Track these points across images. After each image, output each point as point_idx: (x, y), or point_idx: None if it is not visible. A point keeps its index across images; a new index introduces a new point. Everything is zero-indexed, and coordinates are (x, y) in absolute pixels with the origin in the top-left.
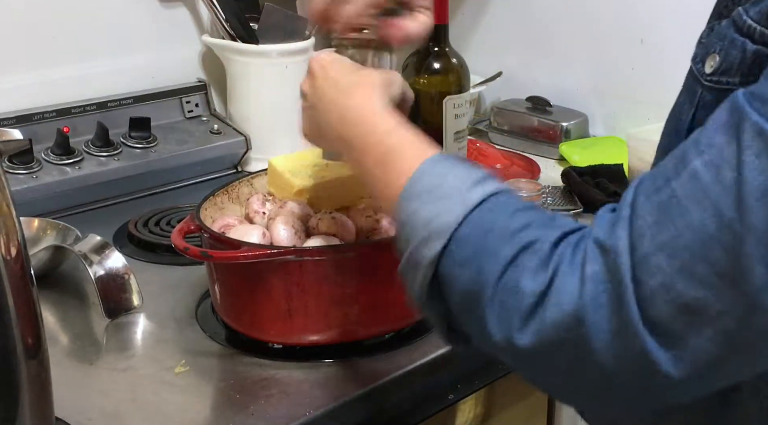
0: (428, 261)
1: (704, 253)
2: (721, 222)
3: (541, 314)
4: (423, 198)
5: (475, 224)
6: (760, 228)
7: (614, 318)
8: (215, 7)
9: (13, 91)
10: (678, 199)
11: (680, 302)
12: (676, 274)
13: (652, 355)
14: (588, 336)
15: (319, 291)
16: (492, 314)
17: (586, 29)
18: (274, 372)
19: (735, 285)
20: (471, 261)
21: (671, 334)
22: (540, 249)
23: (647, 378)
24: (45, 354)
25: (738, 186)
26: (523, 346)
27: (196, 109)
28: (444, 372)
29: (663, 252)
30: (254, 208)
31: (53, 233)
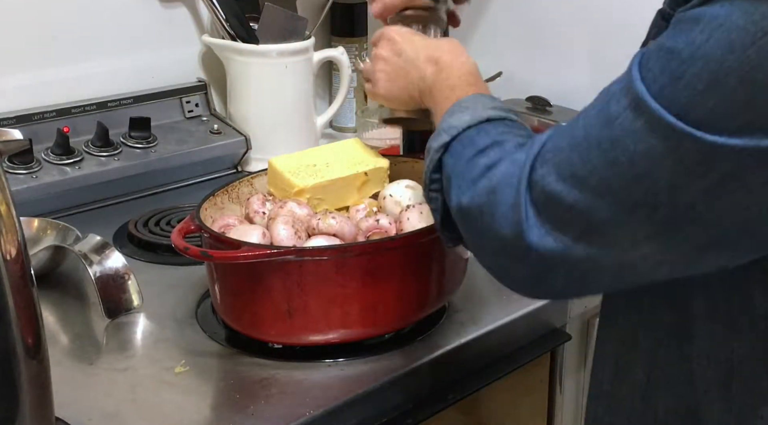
0: (435, 149)
1: (569, 155)
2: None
3: (480, 181)
4: (454, 110)
5: (475, 130)
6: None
7: (513, 193)
8: (215, 7)
9: (13, 91)
10: (581, 114)
11: (549, 190)
12: (551, 167)
13: (527, 226)
14: (495, 204)
15: (319, 291)
16: (455, 180)
17: (586, 29)
18: (274, 372)
19: (581, 187)
20: (459, 152)
21: (543, 215)
22: (502, 146)
23: (522, 246)
24: (45, 354)
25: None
26: (460, 205)
27: (196, 109)
28: (444, 372)
29: (552, 150)
30: (254, 208)
31: (53, 233)
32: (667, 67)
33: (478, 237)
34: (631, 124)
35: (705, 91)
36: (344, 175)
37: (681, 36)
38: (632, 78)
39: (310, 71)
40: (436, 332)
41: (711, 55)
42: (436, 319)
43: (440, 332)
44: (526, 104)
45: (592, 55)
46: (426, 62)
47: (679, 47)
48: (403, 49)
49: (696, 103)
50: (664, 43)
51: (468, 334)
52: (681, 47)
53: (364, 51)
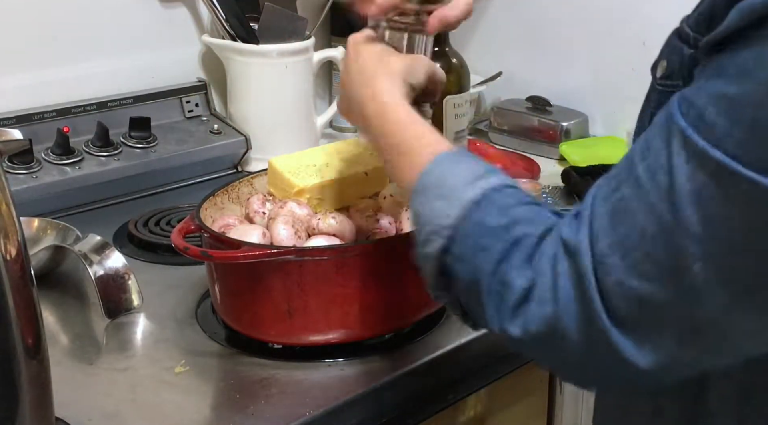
0: (433, 257)
1: (649, 252)
2: (660, 224)
3: (526, 308)
4: (427, 194)
5: (471, 223)
6: (692, 230)
7: (583, 312)
8: (215, 7)
9: (13, 91)
10: (626, 203)
11: (634, 296)
12: (627, 272)
13: (617, 344)
14: (564, 327)
15: (319, 291)
16: (489, 305)
17: (586, 29)
18: (274, 372)
19: (678, 281)
20: (468, 258)
21: (631, 325)
22: (525, 245)
23: (616, 364)
24: (45, 354)
25: (671, 190)
26: (514, 335)
27: (196, 109)
28: (444, 372)
29: (616, 252)
30: (254, 208)
31: (53, 233)
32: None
33: (552, 360)
34: (723, 197)
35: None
36: (344, 175)
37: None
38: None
39: (310, 71)
40: (436, 332)
41: None
42: (436, 319)
43: (440, 332)
44: (526, 104)
45: (592, 55)
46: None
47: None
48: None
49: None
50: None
51: (468, 334)
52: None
53: None
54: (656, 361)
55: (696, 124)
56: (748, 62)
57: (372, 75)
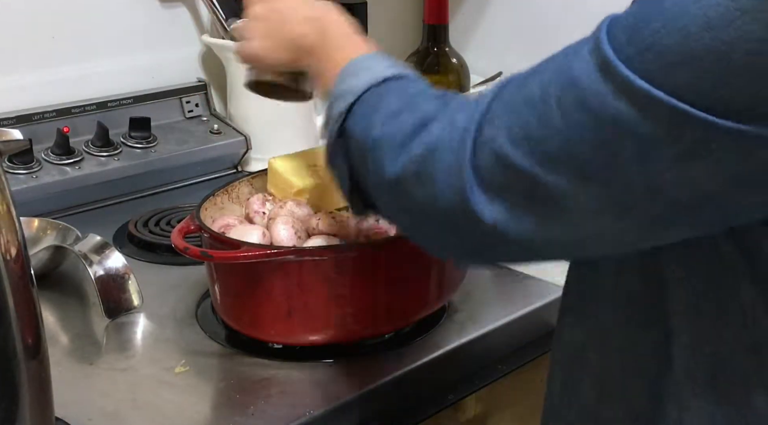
0: (336, 116)
1: (524, 117)
2: (543, 94)
3: (410, 147)
4: (350, 72)
5: (379, 91)
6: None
7: (454, 157)
8: (215, 7)
9: (13, 91)
10: (532, 71)
11: (498, 153)
12: (501, 128)
13: (471, 195)
14: (432, 170)
15: (319, 291)
16: (373, 149)
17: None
18: (274, 372)
19: (534, 150)
20: (368, 115)
21: (488, 180)
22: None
23: (466, 217)
24: (45, 354)
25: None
26: (389, 176)
27: (196, 109)
28: (444, 372)
29: (503, 109)
30: (254, 208)
31: (53, 233)
32: (637, 35)
33: (406, 207)
34: (599, 86)
35: (678, 65)
36: None
37: (653, 5)
38: (600, 40)
39: None
40: (436, 332)
41: (686, 30)
42: (436, 319)
43: (440, 332)
44: None
45: None
46: (306, 20)
47: (651, 16)
48: (279, 7)
49: (668, 74)
50: (635, 10)
51: (468, 334)
52: (653, 16)
53: None
54: (499, 222)
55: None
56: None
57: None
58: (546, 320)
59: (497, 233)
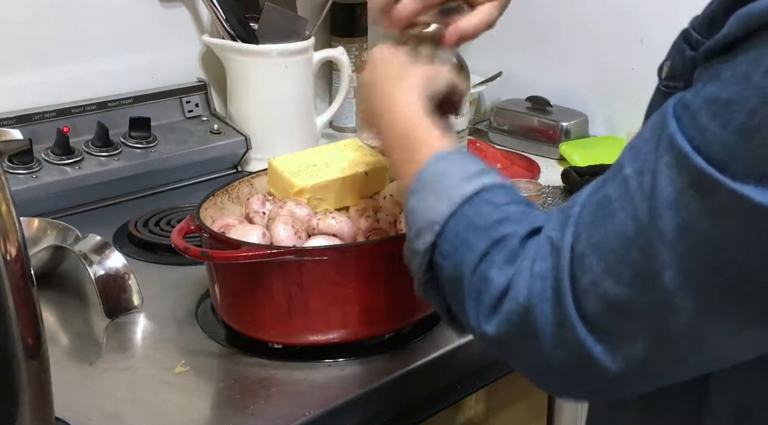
0: (422, 253)
1: (625, 255)
2: (638, 227)
3: (503, 305)
4: (424, 190)
5: (460, 218)
6: (668, 235)
7: (556, 311)
8: (215, 7)
9: (13, 91)
10: (610, 202)
11: (607, 299)
12: (603, 273)
13: (588, 347)
14: (536, 327)
15: (319, 291)
16: (469, 302)
17: (586, 29)
18: (274, 372)
19: (650, 287)
20: (453, 253)
21: (603, 329)
22: (509, 244)
23: (586, 368)
24: (45, 354)
25: (652, 193)
26: (488, 334)
27: (196, 109)
28: (444, 372)
29: (594, 252)
30: (254, 208)
31: (53, 233)
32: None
33: (526, 361)
34: (701, 205)
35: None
36: (344, 175)
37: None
38: (680, 149)
39: (310, 71)
40: (436, 332)
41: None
42: (436, 319)
43: (440, 332)
44: (526, 104)
45: (592, 55)
46: (384, 99)
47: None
48: (369, 78)
49: None
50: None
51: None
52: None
53: (364, 51)
54: (627, 367)
55: (686, 128)
56: (743, 67)
57: (396, 78)
58: None
59: (627, 376)
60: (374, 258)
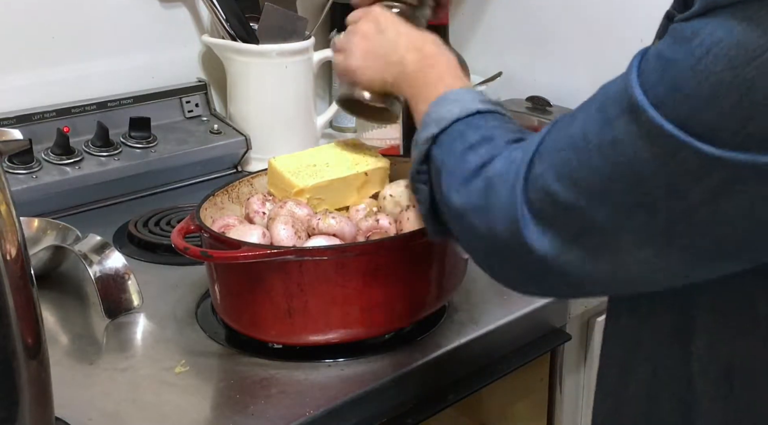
0: (423, 140)
1: (567, 156)
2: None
3: (474, 180)
4: (442, 102)
5: (465, 122)
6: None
7: (509, 190)
8: (215, 7)
9: (13, 91)
10: (575, 113)
11: (546, 189)
12: (549, 167)
13: (524, 226)
14: (490, 202)
15: (319, 291)
16: (445, 176)
17: (586, 29)
18: (274, 372)
19: (578, 188)
20: (448, 144)
21: (539, 214)
22: (496, 143)
23: (520, 247)
24: (45, 354)
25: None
26: (452, 201)
27: (196, 109)
28: (444, 372)
29: (552, 148)
30: (254, 208)
31: (53, 233)
32: (665, 77)
33: (472, 237)
34: (629, 128)
35: (704, 105)
36: (344, 175)
37: (680, 47)
38: (630, 83)
39: (310, 71)
40: (436, 332)
41: (710, 70)
42: (436, 319)
43: (440, 332)
44: (526, 104)
45: (592, 55)
46: (409, 48)
47: (678, 58)
48: (386, 28)
49: (695, 116)
50: (663, 52)
51: (468, 334)
52: (680, 58)
53: None
54: (551, 253)
55: (640, 71)
56: (688, 32)
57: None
58: (546, 320)
59: (548, 264)
60: (374, 258)
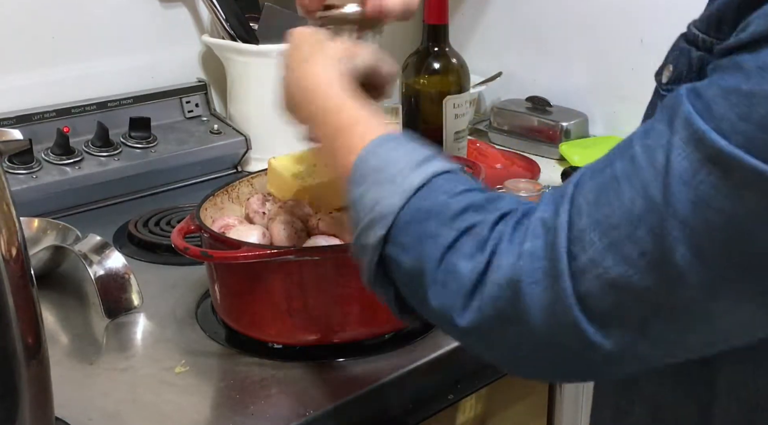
0: (372, 246)
1: (631, 232)
2: (648, 204)
3: (481, 292)
4: (368, 181)
5: (415, 209)
6: (681, 212)
7: (548, 291)
8: (215, 7)
9: (13, 91)
10: (617, 180)
11: (607, 277)
12: (605, 251)
13: (582, 328)
14: (524, 310)
15: (319, 291)
16: (434, 296)
17: (586, 29)
18: (274, 372)
19: (658, 266)
20: (412, 246)
21: (599, 308)
22: (478, 233)
23: (580, 350)
24: (45, 354)
25: (665, 169)
26: (463, 325)
27: (196, 109)
28: (444, 372)
29: (597, 229)
30: (254, 208)
31: (53, 233)
32: (752, 114)
33: (509, 348)
34: (719, 182)
35: None
36: None
37: (759, 76)
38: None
39: None
40: (436, 332)
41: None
42: None
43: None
44: (526, 104)
45: (592, 55)
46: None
47: (755, 90)
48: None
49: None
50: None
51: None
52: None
53: None
54: (621, 347)
55: (702, 112)
56: (756, 62)
57: (309, 55)
58: None
59: (625, 358)
60: None
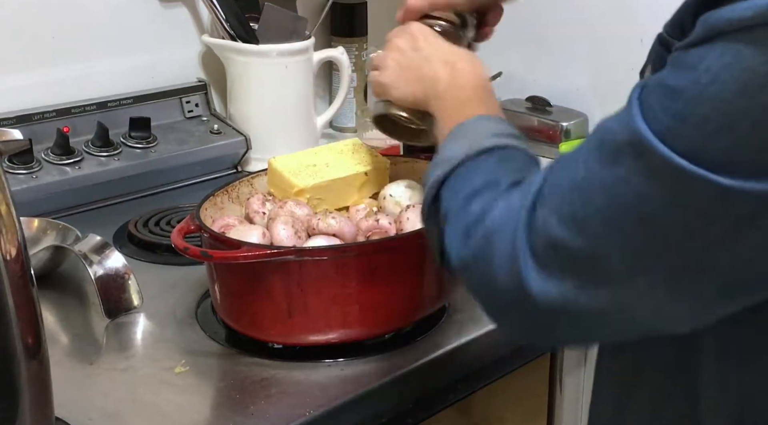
0: (432, 184)
1: (570, 197)
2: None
3: (475, 232)
4: (456, 137)
5: (473, 164)
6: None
7: (511, 239)
8: (215, 7)
9: (13, 91)
10: (574, 153)
11: (550, 235)
12: (551, 211)
13: (525, 275)
14: (492, 253)
15: (319, 291)
16: (450, 229)
17: (586, 29)
18: (274, 372)
19: (583, 230)
20: (455, 187)
21: (542, 261)
22: (499, 187)
23: (523, 297)
24: (45, 354)
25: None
26: (455, 259)
27: (196, 109)
28: (444, 372)
29: (553, 192)
30: (254, 208)
31: (53, 233)
32: (671, 107)
33: (477, 288)
34: (635, 165)
35: (715, 134)
36: (344, 175)
37: (685, 75)
38: (632, 116)
39: (310, 71)
40: (436, 332)
41: (720, 97)
42: (436, 319)
43: (440, 332)
44: (526, 104)
45: (592, 55)
46: (442, 64)
47: (683, 87)
48: (422, 45)
49: (706, 146)
50: (666, 81)
51: (468, 334)
52: (686, 87)
53: (364, 51)
54: (557, 299)
55: (641, 100)
56: (692, 59)
57: (455, 51)
58: None
59: (556, 314)
60: (374, 258)
